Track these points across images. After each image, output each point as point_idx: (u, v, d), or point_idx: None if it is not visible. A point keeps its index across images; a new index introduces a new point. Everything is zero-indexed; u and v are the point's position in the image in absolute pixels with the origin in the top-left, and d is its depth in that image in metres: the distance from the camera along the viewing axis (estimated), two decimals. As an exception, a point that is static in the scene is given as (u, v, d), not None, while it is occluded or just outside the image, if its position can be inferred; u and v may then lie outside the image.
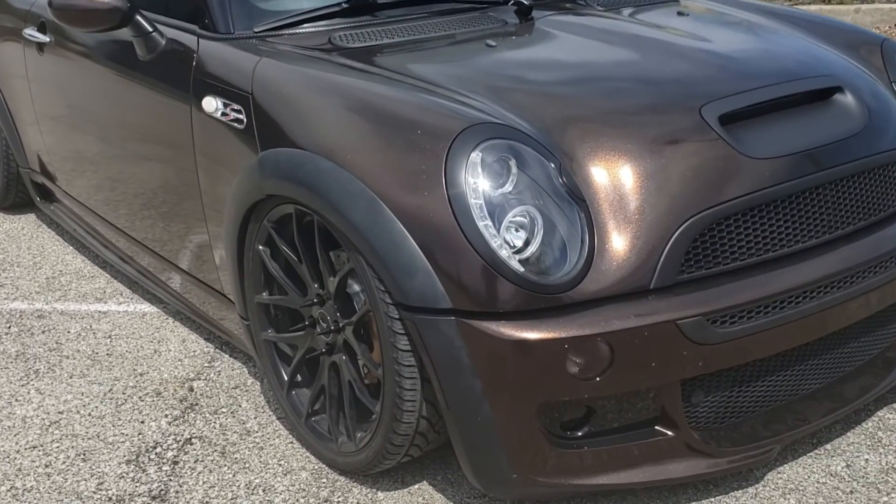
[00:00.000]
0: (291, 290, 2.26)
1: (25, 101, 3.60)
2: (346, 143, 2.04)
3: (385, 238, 1.90)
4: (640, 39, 2.43)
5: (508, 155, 1.88)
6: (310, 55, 2.33)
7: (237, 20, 2.48)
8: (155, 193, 2.78)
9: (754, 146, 2.05)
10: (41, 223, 4.05)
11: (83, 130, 3.22)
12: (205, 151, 2.45)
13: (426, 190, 1.88)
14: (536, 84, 2.21)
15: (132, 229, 3.06)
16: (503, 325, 1.84)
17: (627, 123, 2.05)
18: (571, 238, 1.89)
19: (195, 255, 2.72)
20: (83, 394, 2.66)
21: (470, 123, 1.91)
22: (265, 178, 2.17)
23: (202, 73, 2.43)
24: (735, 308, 1.94)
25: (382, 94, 2.10)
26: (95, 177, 3.22)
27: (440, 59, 2.35)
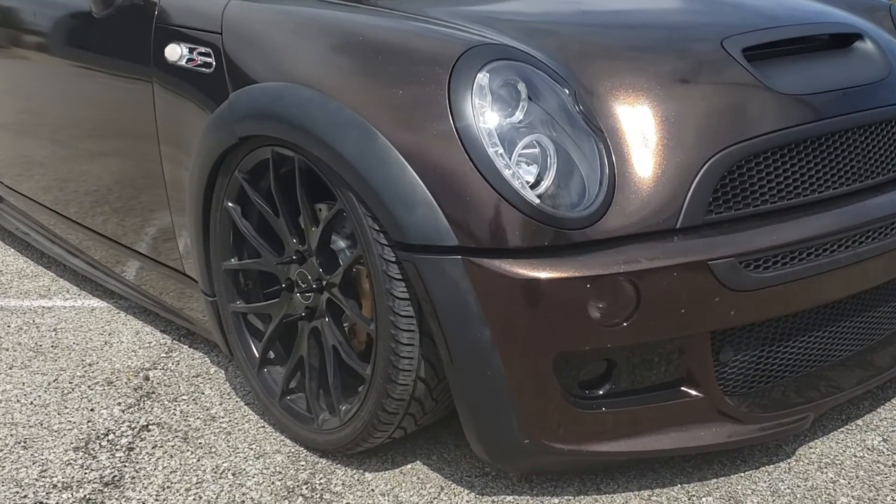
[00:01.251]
0: (265, 250, 2.01)
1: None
2: (333, 73, 1.82)
3: (380, 168, 1.67)
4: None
5: (517, 78, 1.68)
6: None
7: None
8: (116, 175, 2.52)
9: (781, 82, 1.88)
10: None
11: (31, 116, 2.96)
12: (167, 114, 2.20)
13: (428, 119, 1.66)
14: (545, 19, 2.03)
15: (87, 219, 2.78)
16: (516, 264, 1.62)
17: (646, 55, 1.86)
18: (589, 171, 1.68)
19: (156, 242, 2.46)
20: (24, 384, 2.35)
21: (472, 45, 1.70)
22: (237, 119, 1.93)
23: (165, 23, 2.20)
24: (769, 251, 1.74)
25: (372, 23, 1.90)
26: (48, 169, 2.94)
27: (431, 3, 2.16)
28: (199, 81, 2.08)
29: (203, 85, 2.08)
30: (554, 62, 1.77)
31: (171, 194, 2.28)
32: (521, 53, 1.73)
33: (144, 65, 2.24)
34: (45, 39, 2.78)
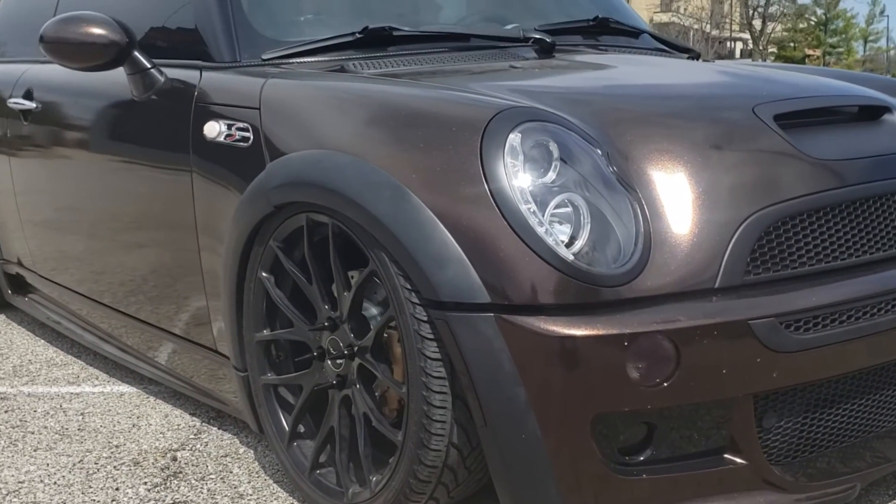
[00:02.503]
0: (298, 318, 2.00)
1: (6, 188, 3.39)
2: (368, 140, 1.85)
3: (412, 227, 1.67)
4: (677, 66, 2.31)
5: (549, 139, 1.69)
6: (324, 74, 2.18)
7: (244, 48, 2.33)
8: (152, 265, 2.54)
9: (813, 148, 1.87)
10: (10, 321, 3.76)
11: (68, 213, 3.00)
12: (206, 199, 2.22)
13: (460, 179, 1.67)
14: (580, 90, 2.05)
15: (121, 306, 2.78)
16: (550, 322, 1.59)
17: (679, 122, 1.88)
18: (624, 229, 1.67)
19: (189, 326, 2.45)
20: (48, 465, 2.32)
21: (503, 108, 1.73)
22: (273, 187, 1.95)
23: (204, 102, 2.26)
24: (810, 312, 1.70)
25: (406, 93, 1.94)
26: (83, 262, 2.96)
27: (464, 77, 2.20)
28: (237, 156, 2.12)
29: (240, 159, 2.11)
30: (586, 125, 1.78)
31: (207, 281, 2.29)
32: (552, 115, 1.75)
33: (184, 149, 2.28)
34: (83, 133, 2.85)
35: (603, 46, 2.66)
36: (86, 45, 2.37)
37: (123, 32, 2.38)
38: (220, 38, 2.35)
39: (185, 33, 2.48)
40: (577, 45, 2.61)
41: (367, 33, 2.35)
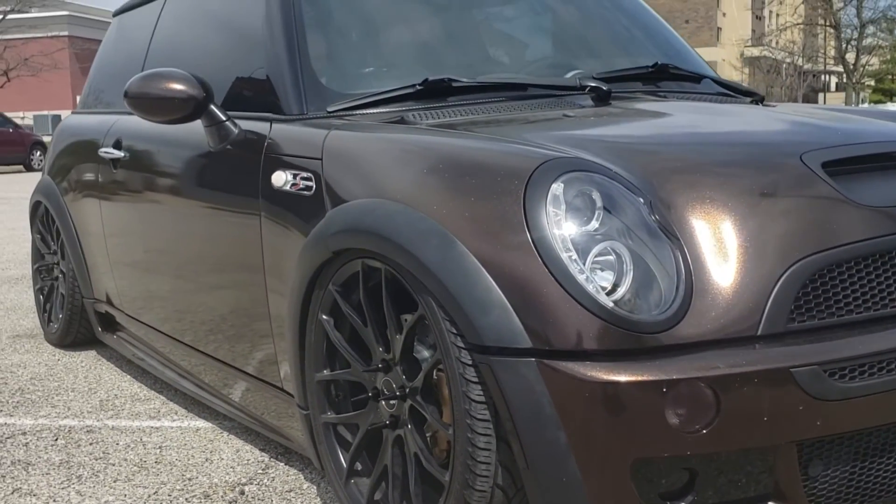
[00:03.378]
0: (354, 359, 2.08)
1: (97, 231, 3.59)
2: (419, 189, 1.93)
3: (458, 274, 1.74)
4: (730, 112, 2.33)
5: (591, 188, 1.74)
6: (384, 125, 2.28)
7: (310, 101, 2.45)
8: (230, 306, 2.68)
9: (861, 194, 1.88)
10: (100, 357, 3.95)
11: (151, 252, 3.17)
12: (273, 243, 2.34)
13: (504, 227, 1.74)
14: (621, 140, 2.10)
15: (200, 345, 2.92)
16: (590, 367, 1.64)
17: (723, 169, 1.90)
18: (666, 277, 1.70)
19: (262, 365, 2.56)
20: (126, 495, 2.44)
21: (547, 158, 1.79)
22: (332, 234, 2.05)
23: (273, 153, 2.38)
24: (854, 360, 1.70)
25: (453, 143, 2.01)
26: (168, 302, 3.12)
27: (517, 126, 2.27)
28: (301, 204, 2.22)
29: (304, 207, 2.21)
30: (630, 175, 1.83)
31: (274, 322, 2.40)
32: (595, 165, 1.80)
33: (254, 196, 2.41)
34: (166, 180, 3.02)
35: (662, 93, 2.70)
36: (166, 99, 2.53)
37: (201, 87, 2.52)
38: (289, 92, 2.47)
39: (258, 86, 2.62)
40: (636, 91, 2.66)
41: (427, 85, 2.44)
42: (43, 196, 4.14)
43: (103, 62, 4.09)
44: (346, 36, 2.68)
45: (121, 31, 3.99)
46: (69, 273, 3.94)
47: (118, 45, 3.95)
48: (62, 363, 3.88)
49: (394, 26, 2.76)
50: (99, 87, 4.06)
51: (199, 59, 3.11)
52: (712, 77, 2.95)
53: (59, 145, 4.17)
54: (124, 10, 4.01)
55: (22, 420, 3.12)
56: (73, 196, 3.84)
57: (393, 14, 2.78)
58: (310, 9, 2.64)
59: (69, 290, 3.95)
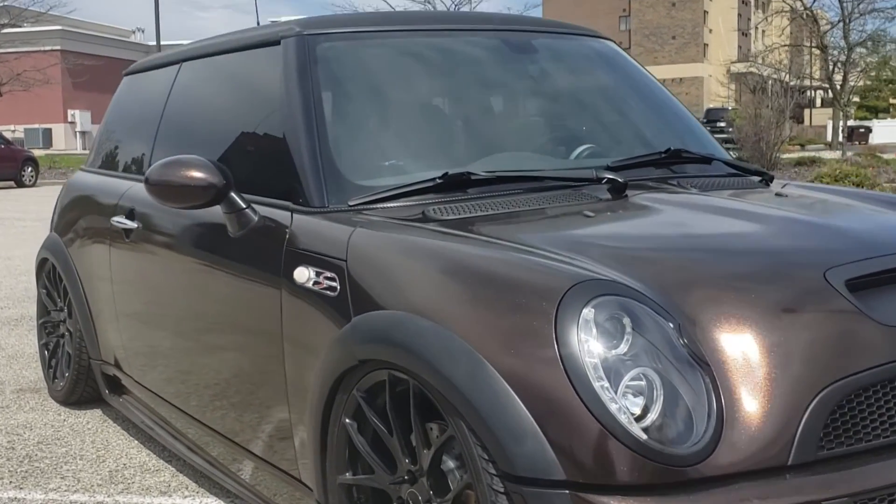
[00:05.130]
0: (379, 467, 2.09)
1: (106, 294, 3.59)
2: (447, 303, 1.94)
3: (489, 399, 1.75)
4: (748, 212, 2.35)
5: (622, 313, 1.76)
6: (405, 224, 2.29)
7: (332, 195, 2.46)
8: (231, 381, 2.67)
9: (884, 312, 1.90)
10: (106, 418, 3.94)
11: (161, 320, 3.18)
12: (293, 328, 2.36)
13: (535, 350, 1.75)
14: (643, 248, 2.12)
15: (206, 414, 2.93)
16: (623, 501, 1.65)
17: (748, 286, 1.92)
18: (696, 405, 1.72)
19: (272, 441, 2.57)
20: (143, 588, 2.44)
21: (578, 280, 1.80)
22: (358, 342, 2.06)
23: (295, 246, 2.39)
24: (884, 490, 1.72)
25: (480, 254, 2.02)
26: (170, 366, 3.14)
27: (538, 226, 2.29)
28: (325, 303, 2.23)
29: (328, 306, 2.22)
30: (656, 292, 1.84)
31: (291, 391, 2.39)
32: (625, 288, 1.81)
33: (274, 286, 2.41)
34: (181, 257, 3.00)
35: (675, 178, 2.73)
36: (187, 187, 2.53)
37: (221, 175, 2.53)
38: (310, 184, 2.48)
39: (277, 171, 2.63)
40: (649, 178, 2.68)
41: (447, 179, 2.46)
42: (50, 253, 4.14)
43: (114, 121, 4.10)
44: (366, 126, 2.69)
45: (133, 91, 3.99)
46: (76, 333, 3.93)
47: (130, 107, 3.96)
48: (68, 424, 3.87)
49: (412, 116, 2.78)
50: (109, 147, 4.07)
51: (216, 134, 3.12)
52: (722, 158, 2.98)
53: (67, 203, 4.17)
54: (137, 70, 4.02)
55: (32, 494, 3.11)
56: (82, 258, 3.84)
57: (411, 105, 2.80)
58: (329, 98, 2.66)
59: (76, 349, 3.95)
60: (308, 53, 2.75)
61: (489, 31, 3.06)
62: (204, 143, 3.12)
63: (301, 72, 2.70)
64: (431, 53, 2.98)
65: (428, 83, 2.95)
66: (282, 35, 2.83)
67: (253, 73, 3.03)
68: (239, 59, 3.11)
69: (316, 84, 2.68)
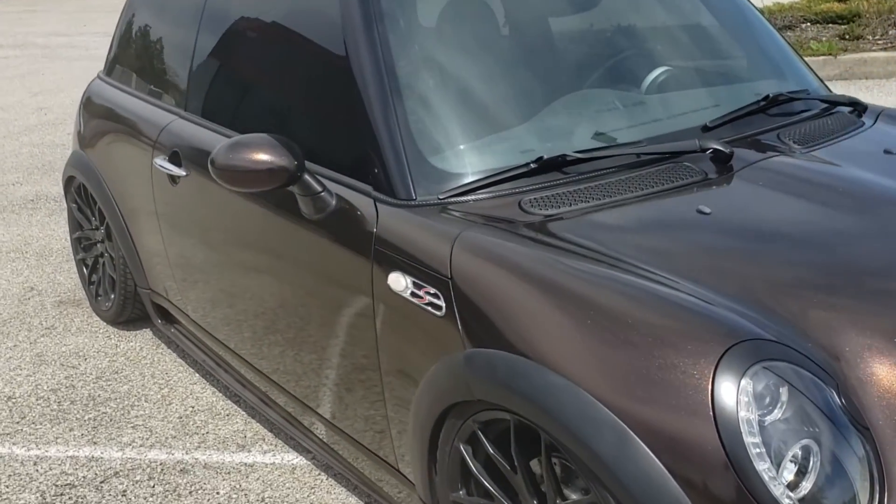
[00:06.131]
0: (499, 496, 2.05)
1: (152, 230, 3.43)
2: (578, 354, 1.82)
3: (641, 480, 1.68)
4: (873, 197, 2.20)
5: (781, 380, 1.67)
6: (510, 232, 2.13)
7: (419, 185, 2.29)
8: (323, 360, 2.59)
9: None
10: (159, 342, 3.90)
11: (225, 279, 3.02)
12: (389, 334, 2.25)
13: (686, 418, 1.66)
14: (783, 272, 1.96)
15: (289, 384, 2.84)
16: (783, 582, 1.62)
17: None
18: (856, 473, 1.66)
19: (367, 426, 2.51)
20: (250, 580, 2.47)
21: (736, 339, 1.69)
22: (476, 380, 1.96)
23: (385, 245, 2.24)
24: None
25: (613, 290, 1.88)
26: (242, 327, 3.00)
27: (655, 233, 2.14)
28: (429, 321, 2.11)
29: (432, 325, 2.10)
30: (809, 342, 1.74)
31: (387, 388, 2.32)
32: (785, 350, 1.70)
33: (364, 288, 2.29)
34: (244, 224, 2.81)
35: (773, 131, 2.56)
36: (256, 172, 2.35)
37: (291, 156, 2.34)
38: (392, 171, 2.31)
39: (350, 146, 2.44)
40: (746, 135, 2.52)
41: (542, 164, 2.29)
42: (80, 173, 3.95)
43: (135, 28, 3.80)
44: (444, 94, 2.46)
45: (154, 4, 3.67)
46: (118, 259, 3.82)
47: (154, 15, 3.66)
48: (122, 352, 3.82)
49: (492, 86, 2.53)
50: (133, 59, 3.79)
51: (264, 82, 2.89)
52: (815, 95, 2.79)
53: (92, 120, 3.93)
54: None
55: (108, 451, 3.10)
56: (119, 188, 3.66)
57: (491, 72, 2.55)
58: (403, 60, 2.43)
59: (121, 276, 3.84)
60: (372, 5, 2.48)
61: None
62: (249, 90, 2.90)
63: (367, 30, 2.45)
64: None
65: (495, 26, 2.69)
66: (339, -24, 2.56)
67: (303, 10, 2.75)
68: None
69: (385, 44, 2.44)
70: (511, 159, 2.35)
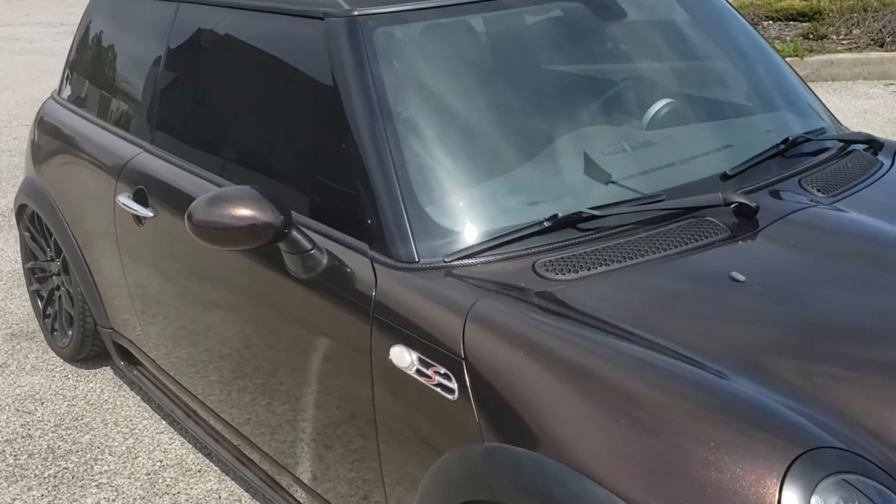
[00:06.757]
0: None
1: (115, 272, 3.16)
2: (621, 460, 1.62)
3: None
4: None
5: (861, 493, 1.49)
6: (529, 303, 1.93)
7: (422, 246, 2.08)
8: (318, 433, 2.37)
9: None
10: (121, 383, 3.64)
11: (198, 333, 2.77)
12: (389, 412, 2.05)
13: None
14: (839, 359, 1.78)
15: (271, 449, 2.62)
16: None
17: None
18: None
19: (349, 490, 2.31)
20: None
21: (804, 448, 1.50)
22: (499, 482, 1.76)
23: (386, 313, 2.03)
24: None
25: (656, 382, 1.68)
26: (222, 382, 2.74)
27: (689, 305, 1.95)
28: (438, 404, 1.90)
29: (442, 410, 1.90)
30: (875, 444, 1.57)
31: (386, 469, 2.13)
32: (855, 460, 1.53)
33: (360, 340, 2.08)
34: (220, 276, 2.61)
35: (794, 177, 2.39)
36: (238, 229, 2.13)
37: (277, 210, 2.12)
38: (392, 230, 2.10)
39: (341, 196, 2.23)
40: (766, 182, 2.35)
41: (557, 222, 2.10)
42: (33, 202, 3.67)
43: (93, 47, 3.52)
44: (446, 142, 2.25)
45: (114, 15, 3.40)
46: (77, 295, 3.55)
47: (113, 36, 3.40)
48: (82, 394, 3.56)
49: (499, 133, 2.31)
50: (90, 81, 3.51)
51: (240, 117, 2.66)
52: (831, 135, 2.63)
53: (45, 145, 3.65)
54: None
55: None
56: (76, 222, 3.39)
57: (496, 117, 2.33)
58: (400, 106, 2.21)
59: (80, 313, 3.57)
60: (364, 43, 2.26)
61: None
62: (224, 126, 2.67)
63: (359, 70, 2.23)
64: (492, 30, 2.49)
65: (498, 66, 2.47)
66: (325, 10, 2.33)
67: (286, 41, 2.51)
68: (263, 23, 2.58)
69: (380, 86, 2.22)
70: (521, 213, 2.16)
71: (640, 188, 2.28)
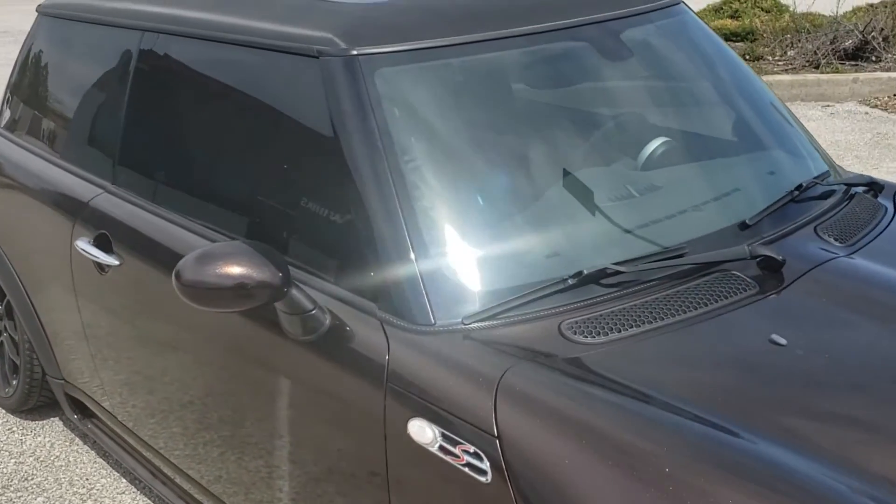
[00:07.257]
0: None
1: (72, 323, 2.92)
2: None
3: None
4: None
5: None
6: (564, 373, 1.78)
7: (437, 307, 1.92)
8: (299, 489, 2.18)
9: None
10: (73, 437, 3.38)
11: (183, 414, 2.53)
12: (410, 490, 1.88)
13: None
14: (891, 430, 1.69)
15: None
16: None
17: None
18: None
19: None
20: None
21: None
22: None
23: (402, 383, 1.86)
24: None
25: (712, 465, 1.56)
26: (221, 455, 2.52)
27: (731, 372, 1.82)
28: (468, 487, 1.74)
29: (474, 494, 1.73)
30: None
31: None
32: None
33: (373, 411, 1.90)
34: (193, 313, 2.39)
35: (808, 225, 2.30)
36: (230, 289, 1.93)
37: (274, 267, 1.94)
38: (405, 289, 1.94)
39: (343, 250, 2.06)
40: (787, 232, 2.25)
41: (581, 279, 1.96)
42: (-28, 241, 3.38)
43: (41, 76, 3.26)
44: (458, 193, 2.09)
45: (64, 44, 3.16)
46: (23, 343, 3.28)
47: (65, 65, 3.15)
48: (30, 450, 3.29)
49: (514, 181, 2.16)
50: (39, 112, 3.24)
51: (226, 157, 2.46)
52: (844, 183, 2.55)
53: (-14, 180, 3.37)
54: (64, 16, 3.14)
55: None
56: (24, 262, 3.14)
57: (510, 164, 2.18)
58: (410, 162, 2.05)
59: (26, 362, 3.31)
60: (366, 87, 2.10)
61: (571, 29, 2.42)
62: (202, 169, 2.47)
63: (360, 117, 2.07)
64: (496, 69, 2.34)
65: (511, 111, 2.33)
66: (319, 49, 2.16)
67: (274, 75, 2.32)
68: (247, 58, 2.38)
69: (385, 134, 2.06)
70: (541, 268, 2.02)
71: (658, 239, 2.17)
